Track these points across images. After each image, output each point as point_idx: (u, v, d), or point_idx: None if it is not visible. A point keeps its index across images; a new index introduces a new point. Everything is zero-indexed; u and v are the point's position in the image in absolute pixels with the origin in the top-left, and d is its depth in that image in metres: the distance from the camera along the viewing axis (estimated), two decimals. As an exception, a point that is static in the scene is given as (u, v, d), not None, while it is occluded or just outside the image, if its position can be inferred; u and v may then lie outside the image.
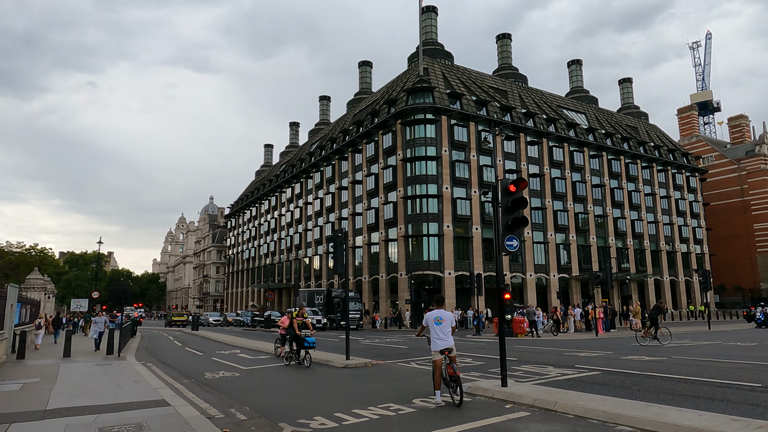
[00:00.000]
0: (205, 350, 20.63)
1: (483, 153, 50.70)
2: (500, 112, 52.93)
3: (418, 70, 52.43)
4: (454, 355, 8.75)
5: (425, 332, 9.45)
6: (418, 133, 48.31)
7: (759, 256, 76.26)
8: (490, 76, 63.01)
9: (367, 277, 52.09)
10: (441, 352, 8.60)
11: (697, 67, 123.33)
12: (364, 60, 73.20)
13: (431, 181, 47.29)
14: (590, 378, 10.58)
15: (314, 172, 65.99)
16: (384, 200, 50.35)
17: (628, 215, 61.12)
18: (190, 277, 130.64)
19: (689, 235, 67.65)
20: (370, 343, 23.05)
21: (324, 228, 61.37)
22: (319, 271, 62.24)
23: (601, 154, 60.31)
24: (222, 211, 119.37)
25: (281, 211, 75.35)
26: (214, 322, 57.90)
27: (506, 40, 66.26)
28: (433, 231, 46.48)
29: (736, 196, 79.56)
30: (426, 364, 13.73)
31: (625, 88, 79.16)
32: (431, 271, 45.91)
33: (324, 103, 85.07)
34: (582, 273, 55.00)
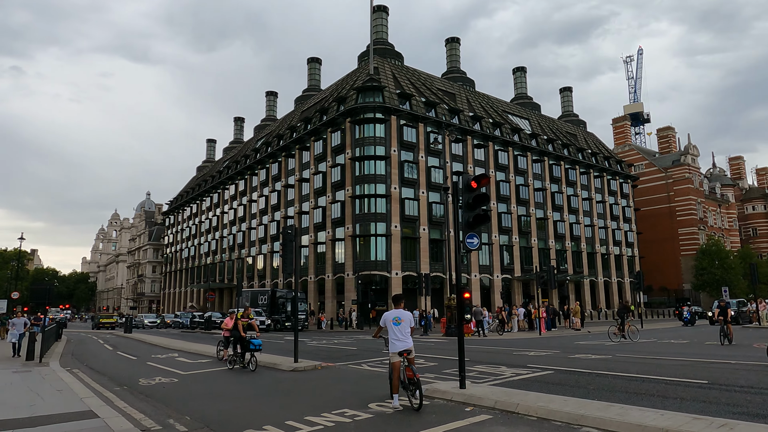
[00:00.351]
0: (139, 354, 19.26)
1: (431, 154, 51.08)
2: (448, 115, 53.52)
3: (369, 69, 52.11)
4: (413, 357, 8.39)
5: (383, 333, 9.03)
6: (368, 132, 47.96)
7: (683, 258, 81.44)
8: (439, 78, 63.69)
9: (313, 277, 51.15)
10: (400, 354, 8.21)
11: (630, 80, 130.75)
12: (313, 57, 72.13)
13: (380, 180, 47.06)
14: (545, 377, 10.54)
15: (259, 168, 64.21)
16: (332, 199, 49.63)
17: (567, 218, 63.52)
18: (124, 276, 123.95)
19: (622, 239, 71.26)
20: (318, 344, 22.40)
21: (269, 226, 59.81)
22: (263, 270, 60.57)
23: (543, 159, 62.33)
24: (160, 207, 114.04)
25: (224, 209, 72.81)
26: (149, 324, 54.86)
27: (455, 44, 67.24)
28: (381, 231, 46.26)
29: (664, 203, 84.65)
30: (378, 366, 13.33)
31: (565, 96, 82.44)
32: (378, 271, 45.67)
33: (270, 98, 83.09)
34: (524, 274, 56.61)
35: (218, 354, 16.03)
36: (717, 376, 10.03)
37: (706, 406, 7.30)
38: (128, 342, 27.77)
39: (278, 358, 14.76)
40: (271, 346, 21.47)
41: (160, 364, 15.28)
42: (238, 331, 14.50)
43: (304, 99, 69.90)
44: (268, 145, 63.72)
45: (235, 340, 13.96)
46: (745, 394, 8.17)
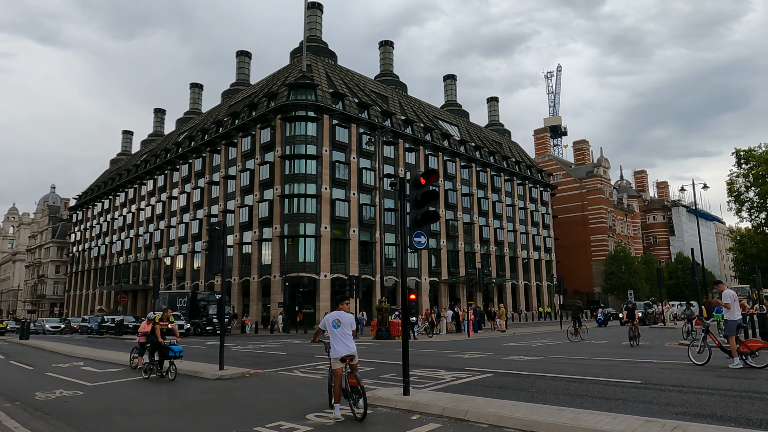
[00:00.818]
0: (37, 363, 17.10)
1: (363, 156, 50.76)
2: (381, 117, 53.47)
3: (302, 65, 50.92)
4: (356, 362, 7.81)
5: (322, 337, 8.37)
6: (299, 130, 46.75)
7: (594, 263, 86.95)
8: (372, 80, 63.62)
9: (237, 278, 48.99)
10: (342, 360, 7.59)
11: (550, 94, 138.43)
12: (243, 50, 69.53)
13: (310, 180, 46.00)
14: (486, 381, 10.35)
15: (181, 163, 60.75)
16: (260, 198, 47.84)
17: (492, 223, 65.64)
18: (21, 277, 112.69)
19: (541, 244, 74.79)
20: (243, 349, 21.14)
21: (190, 225, 56.68)
22: (182, 271, 57.25)
23: (471, 165, 64.01)
24: (66, 202, 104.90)
25: (140, 205, 68.16)
26: (51, 329, 49.87)
27: (388, 47, 67.52)
28: (310, 232, 45.18)
29: (578, 211, 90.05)
30: (312, 372, 12.58)
31: (492, 106, 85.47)
32: (307, 273, 44.54)
33: (195, 90, 79.07)
34: (450, 277, 57.67)
35: (132, 362, 14.53)
36: (648, 376, 10.31)
37: (648, 407, 7.33)
38: (24, 350, 24.83)
39: (201, 366, 13.58)
40: (193, 352, 19.97)
41: (62, 375, 13.55)
42: (156, 336, 13.19)
43: (231, 93, 67.12)
44: (191, 139, 60.44)
45: (153, 346, 12.67)
46: (680, 393, 8.36)
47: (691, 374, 10.44)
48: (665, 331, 30.29)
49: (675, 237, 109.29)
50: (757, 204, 48.78)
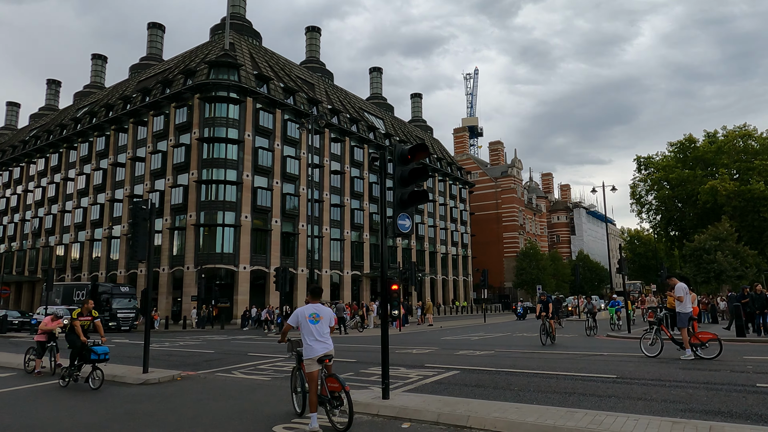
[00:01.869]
0: None
1: (288, 143, 48.63)
2: (307, 104, 51.55)
3: (224, 43, 47.61)
4: (332, 363, 6.64)
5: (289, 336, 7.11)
6: (220, 112, 43.65)
7: (506, 260, 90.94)
8: (298, 66, 61.33)
9: (145, 270, 44.84)
10: (320, 361, 6.39)
11: (468, 95, 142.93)
12: (155, 22, 64.02)
13: (231, 166, 43.16)
14: (457, 379, 9.56)
15: (80, 142, 54.63)
16: (173, 183, 44.12)
17: (414, 219, 66.06)
18: None
19: (459, 240, 76.70)
20: (161, 347, 18.85)
21: (89, 210, 51.16)
22: (78, 261, 51.59)
23: (395, 159, 63.77)
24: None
25: (27, 186, 60.55)
26: None
27: (315, 33, 65.45)
28: (229, 221, 42.40)
29: (492, 209, 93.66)
30: (255, 373, 11.10)
31: (415, 102, 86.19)
32: (225, 264, 41.76)
33: (98, 63, 71.64)
34: (373, 270, 57.16)
35: (27, 365, 12.09)
36: (618, 370, 10.10)
37: (649, 405, 6.89)
38: None
39: (118, 368, 11.55)
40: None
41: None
42: (77, 335, 11.03)
43: (141, 68, 61.53)
44: (93, 115, 54.51)
45: (74, 348, 10.27)
46: (667, 388, 8.09)
47: (656, 367, 10.39)
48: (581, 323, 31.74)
49: (575, 236, 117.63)
50: (655, 207, 53.15)
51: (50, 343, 11.58)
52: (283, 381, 9.56)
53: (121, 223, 47.46)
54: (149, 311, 11.07)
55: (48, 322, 11.72)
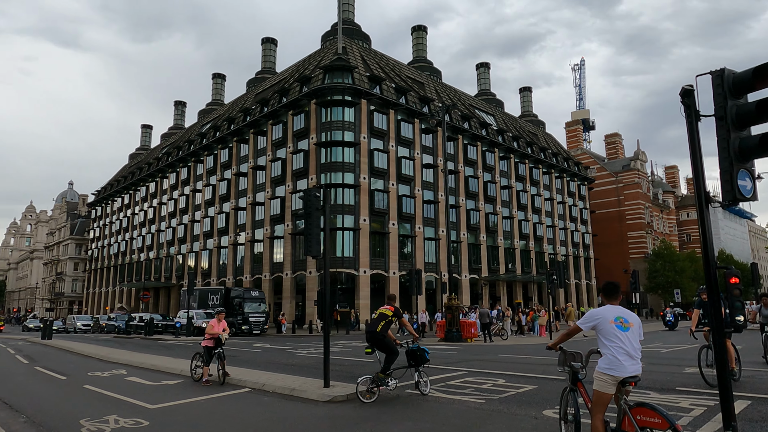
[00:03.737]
0: (69, 371, 14.02)
1: (402, 144, 47.51)
2: (419, 103, 50.15)
3: (336, 47, 47.73)
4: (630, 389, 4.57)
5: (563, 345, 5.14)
6: (336, 115, 43.56)
7: (631, 261, 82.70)
8: (407, 66, 60.31)
9: (269, 275, 46.00)
10: (623, 382, 4.38)
11: (576, 87, 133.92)
12: (268, 37, 66.56)
13: (348, 169, 42.82)
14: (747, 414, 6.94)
15: (206, 155, 57.89)
16: (292, 189, 44.77)
17: (531, 218, 61.97)
18: (39, 274, 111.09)
19: (579, 241, 70.92)
20: (307, 353, 17.90)
21: (216, 219, 53.79)
22: (207, 268, 54.39)
23: (509, 156, 60.41)
24: (84, 198, 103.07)
25: (162, 199, 65.51)
26: (83, 327, 47.60)
27: (422, 32, 64.15)
28: (348, 224, 41.99)
29: (614, 206, 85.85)
30: (454, 391, 9.24)
31: (524, 97, 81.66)
32: (345, 268, 41.33)
33: (218, 81, 76.33)
34: (491, 274, 54.13)
35: (194, 372, 11.30)
36: None
37: None
38: (49, 352, 21.86)
39: (289, 380, 10.30)
40: (243, 356, 16.82)
41: (105, 389, 10.39)
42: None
43: (257, 81, 64.24)
44: (216, 129, 57.57)
45: (394, 350, 8.84)
46: None
47: None
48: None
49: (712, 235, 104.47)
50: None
51: (217, 349, 10.62)
52: (504, 405, 7.62)
53: (246, 230, 49.16)
54: (328, 313, 9.65)
55: (214, 325, 10.82)
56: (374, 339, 8.74)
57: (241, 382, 10.22)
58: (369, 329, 8.86)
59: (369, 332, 8.82)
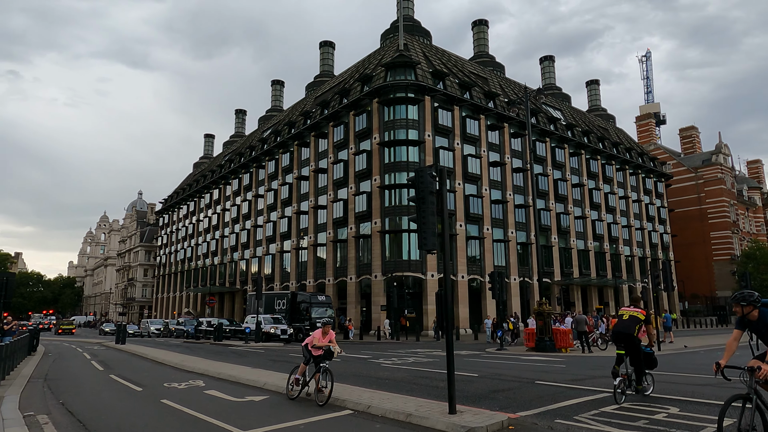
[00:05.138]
0: (144, 381, 13.03)
1: (467, 142, 45.40)
2: (484, 99, 47.84)
3: (398, 44, 46.32)
4: None
5: None
6: (399, 113, 42.07)
7: (715, 264, 76.22)
8: (468, 61, 58.12)
9: (332, 279, 44.98)
10: None
11: (644, 80, 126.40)
12: (326, 40, 66.26)
13: (412, 169, 40.93)
14: None
15: (267, 160, 58.00)
16: (355, 191, 43.59)
17: (605, 218, 57.97)
18: (112, 280, 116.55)
19: (658, 241, 65.87)
20: (392, 364, 16.23)
21: (278, 223, 53.57)
22: (270, 273, 54.19)
23: (579, 152, 56.82)
24: (152, 207, 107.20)
25: (225, 206, 66.40)
26: (155, 332, 48.67)
27: (483, 26, 61.79)
28: (414, 226, 40.12)
29: (694, 204, 79.48)
30: (625, 425, 7.24)
31: (592, 90, 77.27)
32: (412, 272, 39.61)
33: (277, 87, 76.98)
34: (564, 278, 50.75)
35: (290, 389, 9.64)
36: None
37: None
38: (122, 357, 21.42)
39: (400, 401, 8.59)
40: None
41: (185, 405, 9.11)
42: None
43: (316, 85, 63.98)
44: (277, 134, 57.57)
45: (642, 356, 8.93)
46: None
47: None
48: None
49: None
50: None
51: (324, 363, 8.98)
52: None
53: (308, 234, 48.51)
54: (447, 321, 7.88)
55: (319, 337, 9.23)
56: (628, 342, 8.67)
57: (338, 401, 8.65)
58: (622, 330, 8.75)
59: (623, 333, 8.71)
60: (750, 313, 5.24)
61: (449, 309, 7.72)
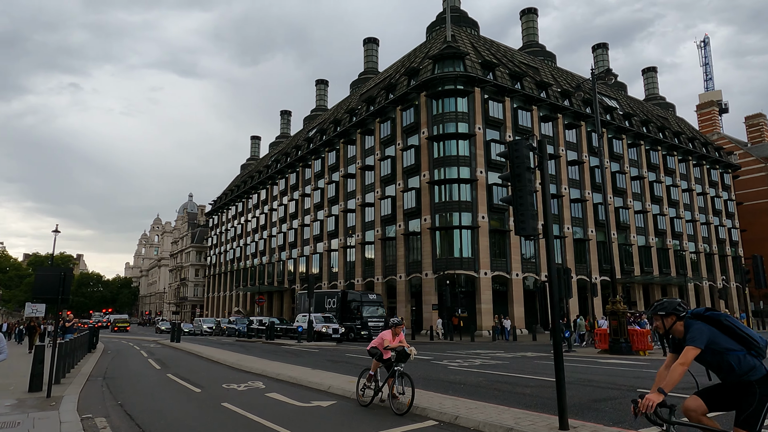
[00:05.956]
0: (202, 381, 12.48)
1: (519, 133, 43.54)
2: (536, 89, 45.84)
3: (445, 35, 45.05)
4: None
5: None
6: (448, 106, 40.78)
7: (790, 261, 70.52)
8: (518, 51, 56.07)
9: (381, 278, 44.15)
10: None
11: (704, 66, 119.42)
12: (370, 37, 65.63)
13: (463, 163, 39.79)
14: None
15: (313, 159, 57.85)
16: (404, 187, 42.60)
17: (668, 212, 54.59)
18: (166, 280, 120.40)
19: (725, 237, 61.60)
20: (460, 366, 15.12)
21: (325, 222, 53.25)
22: (318, 272, 53.96)
23: (638, 143, 53.72)
24: (202, 208, 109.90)
25: (272, 206, 66.85)
26: (208, 330, 49.57)
27: (532, 15, 59.49)
28: (466, 222, 38.91)
29: (764, 197, 73.95)
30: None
31: (649, 78, 73.31)
32: (464, 270, 38.23)
33: (321, 87, 77.05)
34: (624, 276, 47.97)
35: (361, 394, 8.73)
36: None
37: None
38: (178, 356, 21.25)
39: (486, 410, 7.50)
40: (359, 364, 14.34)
41: (247, 410, 8.36)
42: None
43: (360, 82, 63.45)
44: (322, 132, 57.34)
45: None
46: None
47: None
48: None
49: None
50: None
51: (398, 366, 8.03)
52: None
53: (356, 233, 47.91)
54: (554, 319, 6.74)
55: (389, 338, 8.30)
56: None
57: (418, 409, 7.67)
58: None
59: None
60: (673, 327, 3.94)
61: (555, 306, 6.57)
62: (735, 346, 3.70)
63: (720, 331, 3.75)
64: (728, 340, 3.71)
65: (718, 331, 3.75)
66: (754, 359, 3.69)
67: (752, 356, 3.69)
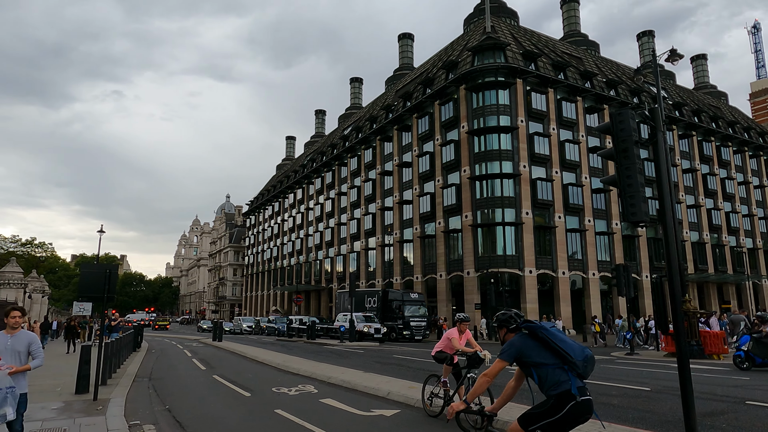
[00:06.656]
0: (251, 384, 11.87)
1: (563, 126, 41.86)
2: (580, 79, 43.96)
3: (484, 26, 43.70)
4: None
5: None
6: (488, 99, 39.48)
7: None
8: (560, 41, 54.10)
9: (420, 276, 43.21)
10: None
11: (756, 53, 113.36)
12: (405, 32, 64.71)
13: (505, 157, 38.42)
14: None
15: (349, 157, 57.36)
16: (443, 183, 41.54)
17: (722, 206, 51.61)
18: (205, 280, 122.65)
19: (787, 232, 57.84)
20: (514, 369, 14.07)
21: (362, 220, 52.64)
22: (355, 271, 53.41)
23: (690, 134, 50.98)
24: (240, 209, 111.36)
25: (308, 205, 66.77)
26: (248, 329, 49.86)
27: (574, 3, 57.35)
28: (509, 219, 37.53)
29: (826, 190, 69.17)
30: None
31: (699, 66, 69.75)
32: (508, 268, 36.88)
33: (355, 85, 76.61)
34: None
35: (429, 403, 7.91)
36: None
37: None
38: (222, 355, 20.90)
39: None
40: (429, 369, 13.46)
41: (304, 419, 7.62)
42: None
43: (396, 79, 62.62)
44: (358, 130, 56.76)
45: None
46: None
47: None
48: None
49: None
50: None
51: (471, 372, 7.24)
52: None
53: (393, 231, 47.11)
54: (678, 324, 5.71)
55: (455, 336, 7.50)
56: None
57: (500, 423, 6.74)
58: None
59: None
60: (504, 338, 3.94)
61: (678, 305, 5.54)
62: (550, 360, 3.50)
63: (539, 344, 3.57)
64: (545, 354, 3.52)
65: (536, 344, 3.58)
66: (565, 374, 3.46)
67: (563, 370, 3.46)
